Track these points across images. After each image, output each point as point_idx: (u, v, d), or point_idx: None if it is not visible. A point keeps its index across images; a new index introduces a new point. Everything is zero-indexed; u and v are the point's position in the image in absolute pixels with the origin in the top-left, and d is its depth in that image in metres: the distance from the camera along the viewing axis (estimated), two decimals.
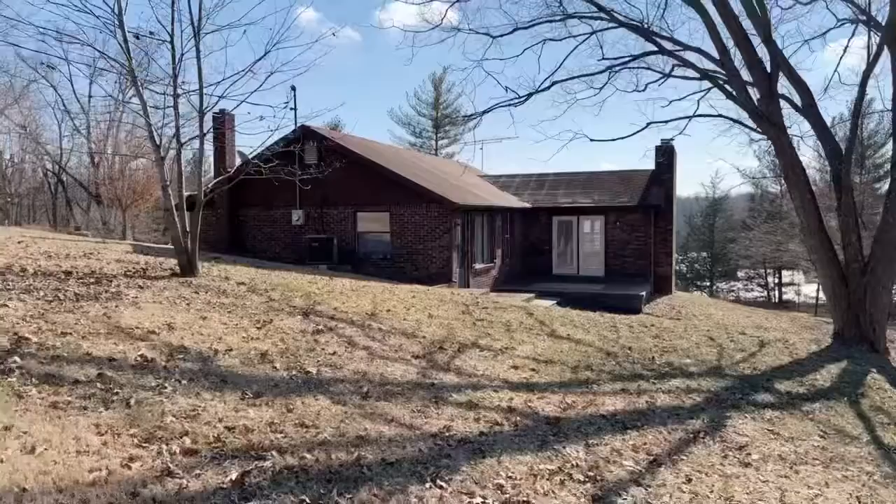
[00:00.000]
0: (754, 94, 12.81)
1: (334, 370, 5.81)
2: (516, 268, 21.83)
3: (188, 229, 10.29)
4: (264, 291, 9.56)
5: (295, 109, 17.54)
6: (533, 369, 7.09)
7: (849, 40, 15.05)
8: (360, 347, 6.83)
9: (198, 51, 9.95)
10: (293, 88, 17.42)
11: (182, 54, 9.54)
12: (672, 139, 23.01)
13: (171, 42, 9.84)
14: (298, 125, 17.75)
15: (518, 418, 5.31)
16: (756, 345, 11.18)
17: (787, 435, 6.06)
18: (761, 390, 7.82)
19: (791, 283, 49.54)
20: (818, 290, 38.98)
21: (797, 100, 13.11)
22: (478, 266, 18.66)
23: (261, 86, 10.33)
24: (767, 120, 12.15)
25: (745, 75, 12.74)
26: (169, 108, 10.33)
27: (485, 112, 12.59)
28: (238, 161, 18.93)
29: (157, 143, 10.01)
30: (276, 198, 17.93)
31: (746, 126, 13.58)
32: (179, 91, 10.15)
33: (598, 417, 5.70)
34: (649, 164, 23.27)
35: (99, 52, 9.66)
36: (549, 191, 24.03)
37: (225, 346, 5.94)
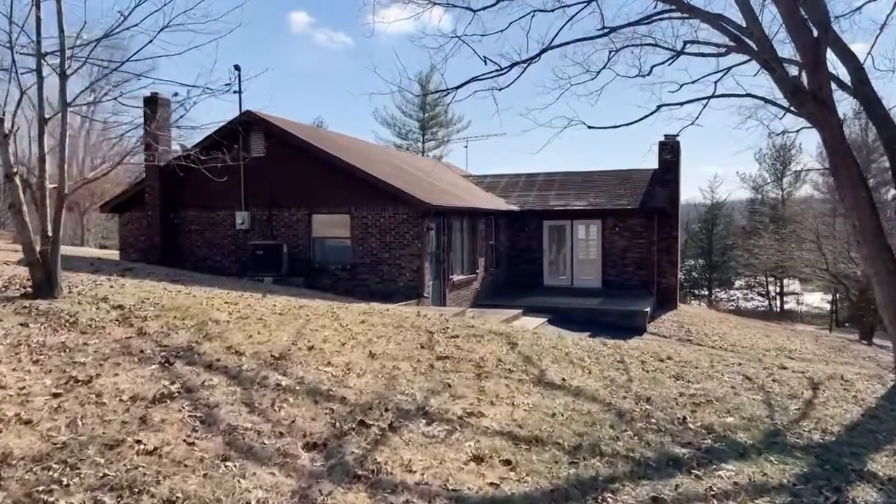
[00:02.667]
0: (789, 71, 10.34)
1: (121, 498, 3.07)
2: (502, 279, 19.14)
3: (49, 233, 7.57)
4: (142, 320, 6.83)
5: (240, 92, 14.86)
6: (507, 461, 4.37)
7: (889, 13, 12.59)
8: (218, 430, 4.11)
9: None
10: (237, 68, 14.73)
11: None
12: (677, 135, 20.42)
13: None
14: (244, 111, 15.06)
15: None
16: (807, 385, 8.56)
17: None
18: (854, 477, 5.18)
19: (792, 293, 47.40)
20: (834, 302, 36.57)
21: (841, 76, 10.64)
22: (456, 278, 15.96)
23: (150, 41, 7.73)
24: (814, 97, 9.58)
25: (779, 50, 10.28)
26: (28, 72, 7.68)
27: (461, 86, 9.91)
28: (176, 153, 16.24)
29: None
30: (219, 197, 15.17)
31: (780, 106, 10.97)
32: (44, 51, 7.49)
33: None
34: (651, 164, 20.76)
35: None
36: (540, 192, 21.39)
37: None
